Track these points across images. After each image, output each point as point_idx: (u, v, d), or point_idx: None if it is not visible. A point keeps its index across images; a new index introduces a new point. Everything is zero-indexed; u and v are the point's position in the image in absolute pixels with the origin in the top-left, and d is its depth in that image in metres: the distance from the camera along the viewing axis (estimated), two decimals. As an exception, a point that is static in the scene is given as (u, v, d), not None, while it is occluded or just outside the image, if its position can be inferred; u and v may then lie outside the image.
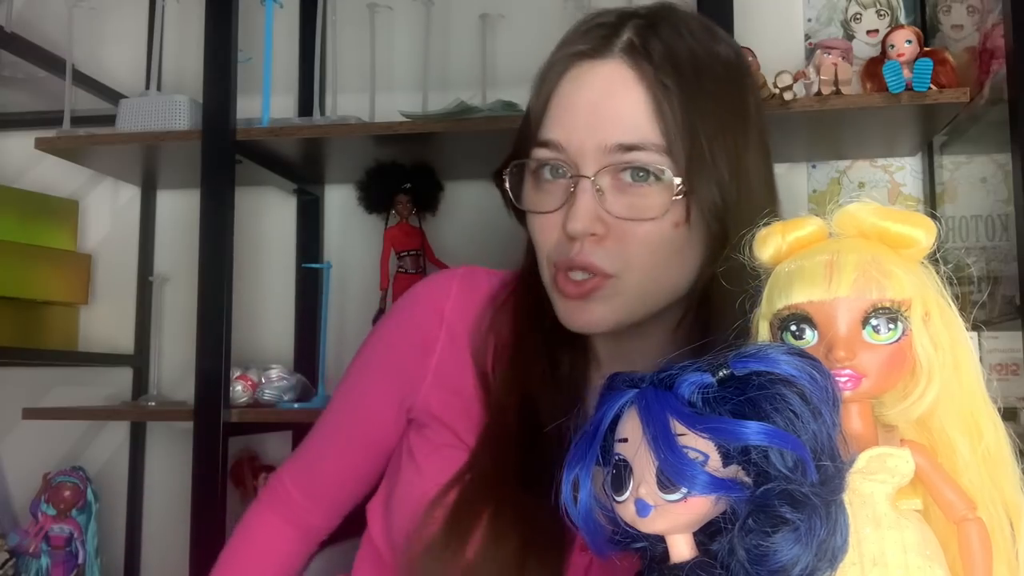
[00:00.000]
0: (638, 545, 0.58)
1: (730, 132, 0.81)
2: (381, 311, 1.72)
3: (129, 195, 2.03)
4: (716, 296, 0.78)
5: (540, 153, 0.82)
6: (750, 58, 1.54)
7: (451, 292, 0.94)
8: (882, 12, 1.61)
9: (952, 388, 0.58)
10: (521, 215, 0.88)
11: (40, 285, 1.89)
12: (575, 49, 0.82)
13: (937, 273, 0.59)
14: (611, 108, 0.78)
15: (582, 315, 0.81)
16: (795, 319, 0.57)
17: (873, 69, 1.47)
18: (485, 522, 0.80)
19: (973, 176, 1.72)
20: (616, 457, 0.55)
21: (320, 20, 1.79)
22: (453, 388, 0.91)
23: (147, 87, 1.80)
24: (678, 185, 0.77)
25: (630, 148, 0.77)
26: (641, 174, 0.78)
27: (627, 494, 0.54)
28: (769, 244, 0.60)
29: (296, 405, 1.68)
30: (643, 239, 0.79)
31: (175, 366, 1.93)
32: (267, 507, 1.05)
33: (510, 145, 0.88)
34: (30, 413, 1.74)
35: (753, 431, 0.51)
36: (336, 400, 1.01)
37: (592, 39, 0.82)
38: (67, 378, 2.00)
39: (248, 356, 1.85)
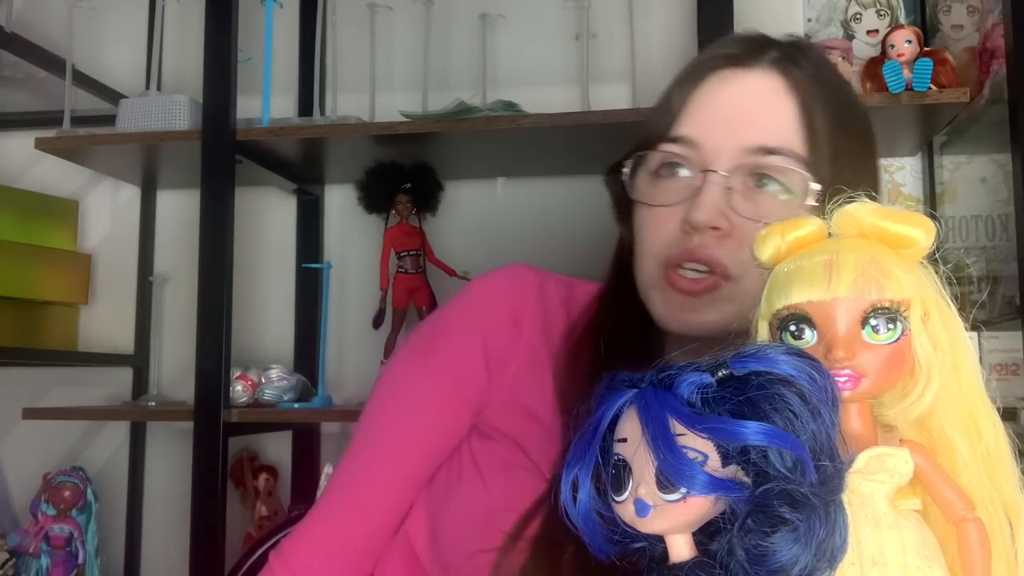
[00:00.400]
0: (637, 545, 0.58)
1: (869, 167, 0.81)
2: (381, 311, 1.73)
3: (129, 195, 2.04)
4: None
5: (669, 147, 0.79)
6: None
7: (529, 301, 0.88)
8: (882, 12, 1.61)
9: (951, 388, 0.58)
10: (625, 215, 0.85)
11: (40, 285, 1.89)
12: (723, 52, 0.81)
13: (936, 273, 0.59)
14: (757, 111, 0.78)
15: (689, 314, 0.78)
16: (794, 319, 0.57)
17: (873, 69, 1.47)
18: (569, 557, 0.75)
19: (973, 176, 1.72)
20: (615, 457, 0.55)
21: (320, 20, 1.79)
22: (530, 411, 0.85)
23: (147, 87, 1.80)
24: (815, 191, 0.75)
25: (771, 151, 0.76)
26: (774, 183, 0.77)
27: (626, 494, 0.54)
28: (768, 244, 0.60)
29: (296, 405, 1.68)
30: None
31: (175, 366, 1.93)
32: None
33: (634, 141, 0.85)
34: (30, 413, 1.74)
35: (752, 431, 0.51)
36: (372, 434, 0.89)
37: (740, 47, 0.81)
38: (67, 378, 2.00)
39: (248, 356, 1.85)
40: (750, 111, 0.78)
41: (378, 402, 0.90)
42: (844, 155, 0.78)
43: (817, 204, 0.75)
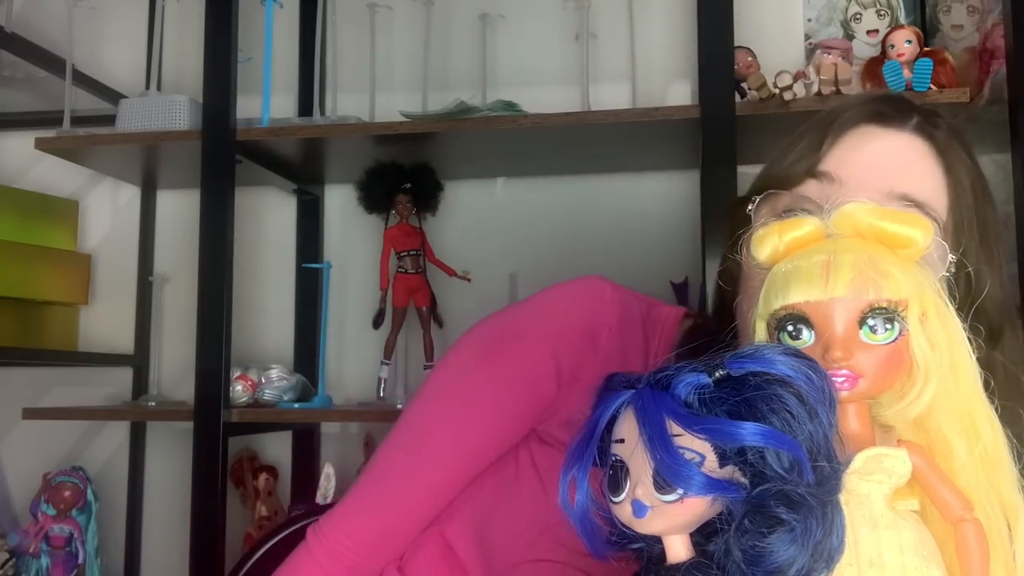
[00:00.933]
0: (635, 546, 0.58)
1: (1000, 239, 0.81)
2: (381, 311, 1.73)
3: (129, 195, 2.04)
4: None
5: (809, 186, 0.76)
6: (749, 58, 1.55)
7: (607, 317, 0.84)
8: (882, 12, 1.61)
9: (949, 388, 0.58)
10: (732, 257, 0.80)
11: (40, 285, 1.89)
12: (869, 108, 0.79)
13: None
14: (906, 166, 0.76)
15: None
16: (792, 319, 0.57)
17: (873, 69, 1.47)
18: None
19: (973, 176, 1.72)
20: (613, 458, 0.55)
21: (320, 20, 1.79)
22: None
23: (147, 87, 1.80)
24: (951, 261, 0.73)
25: (916, 204, 0.73)
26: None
27: (624, 495, 0.54)
28: (766, 244, 0.60)
29: (296, 405, 1.68)
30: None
31: (175, 366, 1.93)
32: (329, 569, 0.87)
33: (758, 179, 0.84)
34: (30, 413, 1.74)
35: (749, 432, 0.51)
36: (428, 425, 0.87)
37: (887, 106, 0.79)
38: (67, 378, 2.00)
39: (248, 356, 1.85)
40: (899, 165, 0.76)
41: (432, 397, 0.88)
42: (985, 234, 0.78)
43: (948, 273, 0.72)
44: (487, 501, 0.86)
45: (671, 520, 0.53)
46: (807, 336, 0.57)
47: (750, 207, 0.80)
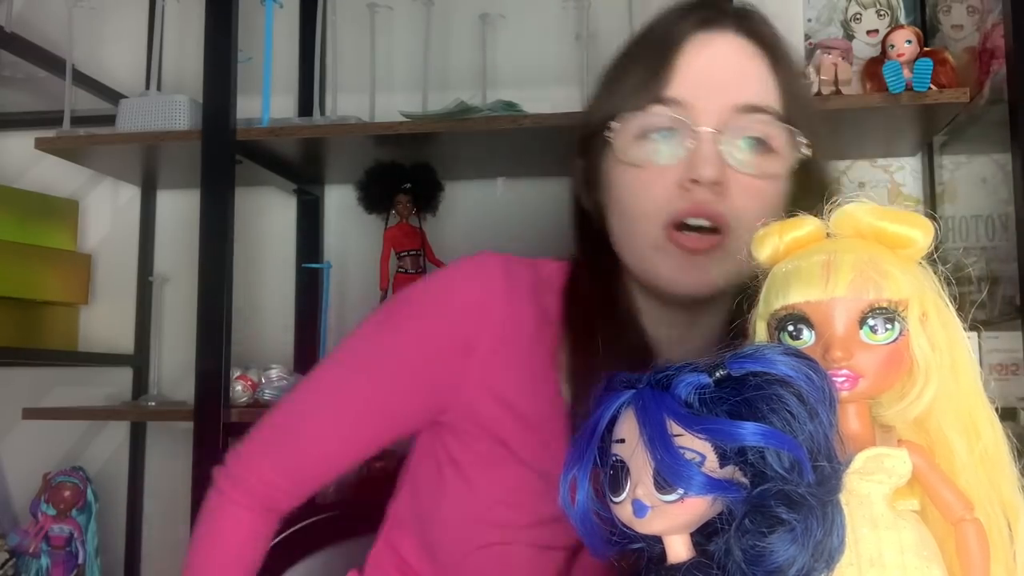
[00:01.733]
0: (635, 546, 0.58)
1: (821, 122, 0.88)
2: (381, 311, 1.72)
3: (129, 195, 2.03)
4: None
5: (659, 109, 0.81)
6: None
7: (495, 288, 0.88)
8: (882, 12, 1.61)
9: (949, 388, 0.58)
10: (592, 186, 0.87)
11: (40, 285, 1.89)
12: (693, 16, 0.84)
13: (936, 273, 0.59)
14: (739, 72, 0.81)
15: (697, 273, 0.80)
16: (792, 319, 0.57)
17: (873, 69, 1.47)
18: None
19: (973, 176, 1.72)
20: (613, 458, 0.55)
21: (320, 20, 1.79)
22: (504, 399, 0.85)
23: (147, 87, 1.80)
24: (804, 144, 0.81)
25: (756, 109, 0.80)
26: (760, 139, 0.80)
27: (624, 495, 0.54)
28: (766, 244, 0.60)
29: (296, 405, 1.67)
30: (760, 197, 0.80)
31: (175, 366, 1.93)
32: (247, 506, 0.95)
33: (602, 105, 0.87)
34: (30, 413, 1.74)
35: (749, 432, 0.51)
36: (335, 382, 0.92)
37: (706, 10, 0.84)
38: (67, 378, 2.00)
39: (248, 356, 1.85)
40: (732, 72, 0.81)
41: (341, 357, 0.94)
42: (810, 107, 0.85)
43: (804, 157, 0.81)
44: (423, 507, 0.89)
45: (671, 520, 0.53)
46: (807, 336, 0.57)
47: (608, 133, 0.83)
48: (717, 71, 0.81)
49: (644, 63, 0.84)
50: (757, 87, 0.81)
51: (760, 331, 0.60)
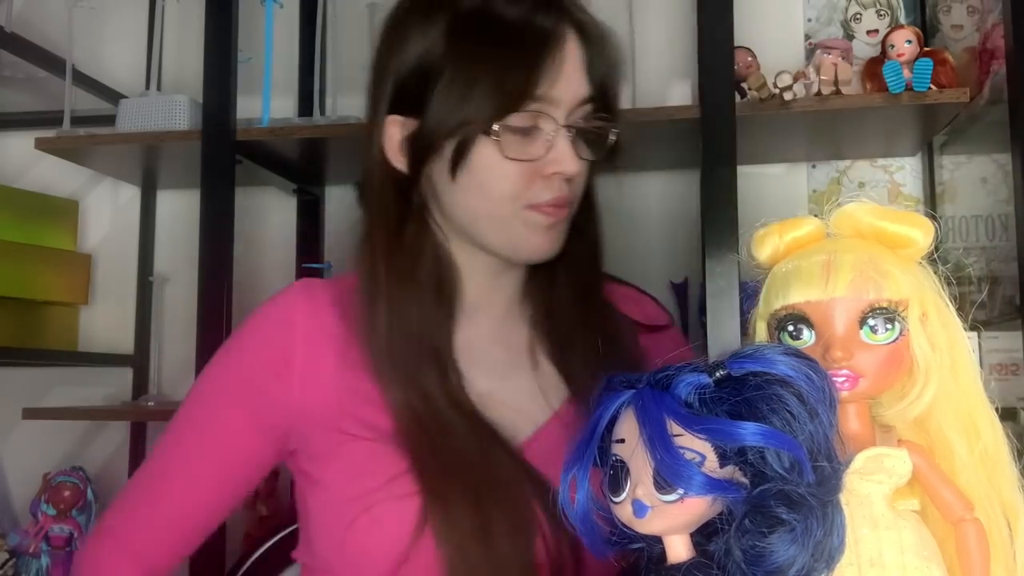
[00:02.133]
0: (635, 546, 0.58)
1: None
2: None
3: (129, 195, 2.03)
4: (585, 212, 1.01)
5: (534, 107, 0.88)
6: (749, 58, 1.55)
7: (297, 306, 0.95)
8: (882, 12, 1.61)
9: (949, 388, 0.58)
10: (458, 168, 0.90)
11: (40, 285, 1.89)
12: (547, 20, 0.91)
13: (936, 273, 0.59)
14: (576, 65, 0.90)
15: (551, 240, 0.92)
16: (792, 319, 0.57)
17: (873, 69, 1.47)
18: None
19: (973, 176, 1.72)
20: (613, 458, 0.55)
21: (320, 20, 1.79)
22: (332, 390, 0.91)
23: (147, 87, 1.80)
24: (615, 132, 0.93)
25: (587, 100, 0.90)
26: (596, 130, 0.92)
27: (624, 495, 0.54)
28: (766, 244, 0.61)
29: (296, 405, 1.67)
30: (586, 177, 0.95)
31: (175, 366, 1.93)
32: (111, 553, 0.96)
33: (486, 99, 0.91)
34: (30, 413, 1.74)
35: (749, 432, 0.51)
36: (177, 435, 0.97)
37: (553, 8, 0.92)
38: (67, 378, 2.00)
39: (248, 356, 1.85)
40: (577, 67, 0.90)
41: (176, 421, 0.98)
42: (617, 88, 0.96)
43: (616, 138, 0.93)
44: (309, 530, 0.93)
45: (671, 520, 0.53)
46: (807, 336, 0.57)
47: (495, 137, 0.88)
48: (573, 66, 0.90)
49: (516, 58, 0.89)
50: (585, 75, 0.91)
51: (760, 331, 0.60)
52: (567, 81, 0.89)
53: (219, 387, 0.96)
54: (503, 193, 0.89)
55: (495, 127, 0.87)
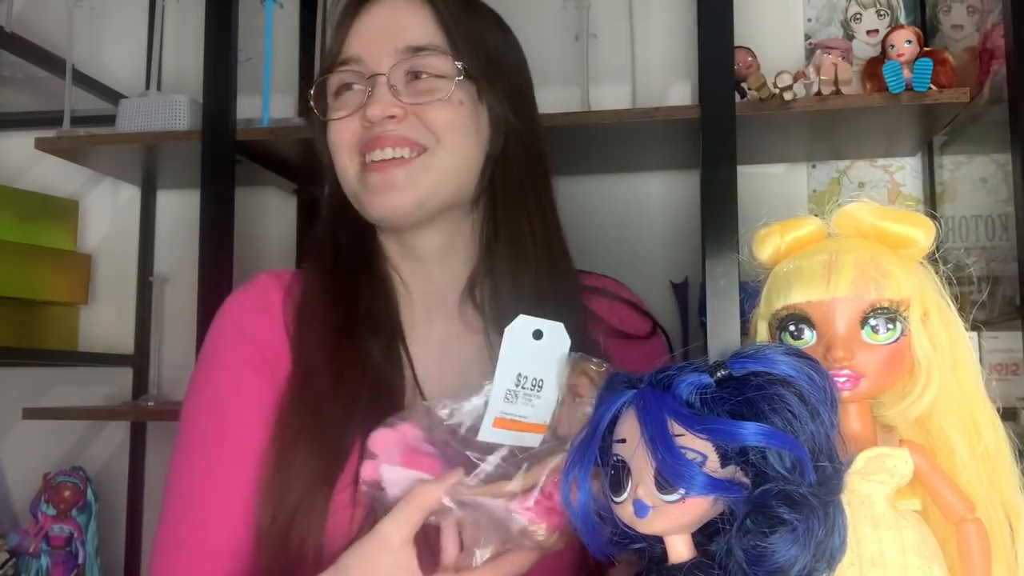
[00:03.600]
0: (637, 546, 0.58)
1: (513, 57, 1.01)
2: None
3: (129, 195, 2.03)
4: (501, 208, 0.94)
5: (339, 70, 0.92)
6: (749, 58, 1.54)
7: (272, 292, 0.95)
8: (882, 12, 1.61)
9: (951, 388, 0.58)
10: (322, 142, 0.96)
11: (40, 285, 1.89)
12: None
13: (936, 273, 0.59)
14: (400, 21, 0.92)
15: (389, 193, 0.89)
16: (793, 319, 0.57)
17: (873, 69, 1.47)
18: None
19: (973, 176, 1.72)
20: (614, 458, 0.55)
21: (320, 20, 1.79)
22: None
23: (147, 87, 1.80)
24: (459, 67, 0.90)
25: (419, 49, 0.90)
26: (426, 73, 0.90)
27: (625, 495, 0.54)
28: (767, 244, 0.61)
29: (296, 405, 1.67)
30: (439, 115, 0.90)
31: (175, 366, 1.93)
32: None
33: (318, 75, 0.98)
34: (30, 413, 1.74)
35: (751, 432, 0.51)
36: (191, 450, 0.95)
37: None
38: (67, 378, 2.00)
39: (248, 356, 1.85)
40: (397, 24, 0.92)
41: (185, 441, 0.96)
42: (481, 43, 0.94)
43: (464, 79, 0.90)
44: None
45: (673, 520, 0.53)
46: (809, 336, 0.57)
47: (311, 101, 0.96)
48: (383, 26, 0.92)
49: (334, 37, 0.97)
50: (418, 32, 0.91)
51: (761, 331, 0.60)
52: (379, 37, 0.91)
53: (217, 385, 0.92)
54: (337, 154, 0.93)
55: (311, 92, 0.94)
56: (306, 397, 0.88)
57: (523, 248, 0.94)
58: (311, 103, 0.96)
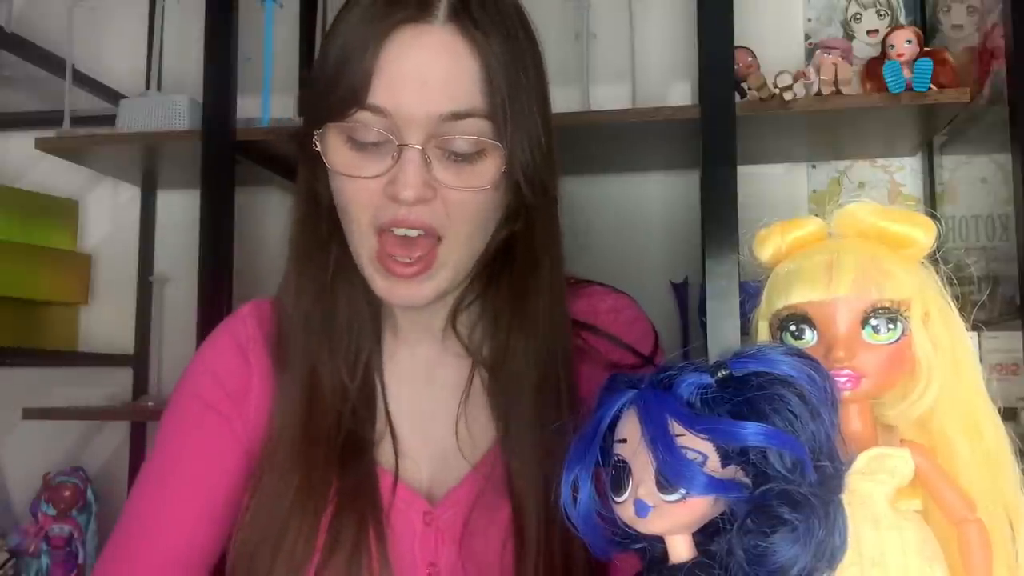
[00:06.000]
0: (637, 546, 0.58)
1: (541, 91, 0.86)
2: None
3: (129, 195, 2.04)
4: (518, 251, 0.85)
5: (364, 117, 0.77)
6: (749, 58, 1.55)
7: (249, 330, 0.91)
8: (882, 12, 1.61)
9: (952, 388, 0.58)
10: (319, 173, 0.84)
11: (40, 285, 1.89)
12: (397, 14, 0.78)
13: (937, 273, 0.59)
14: (442, 75, 0.77)
15: (409, 293, 0.80)
16: (794, 319, 0.57)
17: (873, 69, 1.47)
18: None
19: (973, 176, 1.72)
20: (615, 458, 0.55)
21: (320, 20, 1.79)
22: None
23: (147, 87, 1.80)
24: (505, 155, 0.78)
25: (458, 116, 0.77)
26: (468, 153, 0.78)
27: (626, 495, 0.54)
28: (768, 244, 0.61)
29: (296, 405, 1.67)
30: (472, 206, 0.79)
31: (175, 366, 1.93)
32: None
33: (310, 105, 0.85)
34: (30, 413, 1.74)
35: (751, 432, 0.51)
36: (152, 476, 0.94)
37: (411, 2, 0.78)
38: (67, 378, 2.00)
39: (248, 356, 1.85)
40: (435, 76, 0.76)
41: (147, 464, 0.96)
42: (524, 86, 0.81)
43: (502, 155, 0.78)
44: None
45: (673, 520, 0.53)
46: (810, 336, 0.57)
47: (315, 143, 0.81)
48: (419, 75, 0.76)
49: (348, 64, 0.78)
50: (461, 91, 0.77)
51: (762, 331, 0.60)
52: (416, 90, 0.76)
53: (184, 418, 0.91)
54: (350, 215, 0.80)
55: (316, 134, 0.80)
56: (277, 453, 0.84)
57: (528, 317, 0.85)
58: (315, 144, 0.81)
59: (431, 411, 0.88)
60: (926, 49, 1.45)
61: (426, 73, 0.76)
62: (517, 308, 0.85)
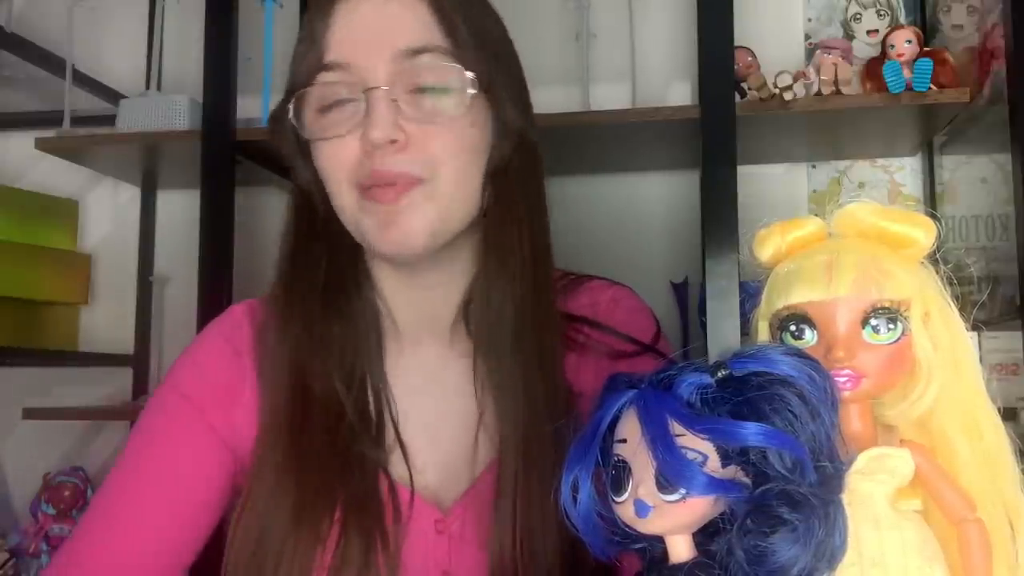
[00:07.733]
0: (637, 546, 0.58)
1: (501, 30, 0.88)
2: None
3: (129, 195, 2.04)
4: (497, 227, 0.83)
5: (326, 77, 0.79)
6: (749, 58, 1.55)
7: (243, 331, 0.92)
8: (882, 12, 1.61)
9: (952, 388, 0.58)
10: (304, 158, 0.85)
11: (40, 285, 1.89)
12: None
13: (937, 273, 0.59)
14: (393, 17, 0.78)
15: (397, 227, 0.78)
16: (794, 319, 0.57)
17: (873, 69, 1.47)
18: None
19: (973, 176, 1.72)
20: (615, 458, 0.55)
21: (320, 20, 1.79)
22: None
23: (147, 87, 1.80)
24: (472, 80, 0.78)
25: (417, 52, 0.77)
26: (432, 86, 0.78)
27: (626, 495, 0.54)
28: (768, 244, 0.61)
29: (296, 405, 1.67)
30: (445, 140, 0.79)
31: (175, 366, 1.93)
32: None
33: (285, 86, 0.86)
34: (30, 413, 1.74)
35: (751, 432, 0.51)
36: (126, 469, 0.88)
37: None
38: (67, 378, 2.00)
39: (248, 356, 1.85)
40: (386, 21, 0.78)
41: (120, 459, 0.90)
42: (485, 38, 0.82)
43: (477, 92, 0.78)
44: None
45: (673, 520, 0.53)
46: (810, 336, 0.57)
47: (290, 116, 0.82)
48: (372, 24, 0.78)
49: (308, 34, 0.82)
50: (414, 28, 0.78)
51: (762, 331, 0.60)
52: (369, 38, 0.78)
53: (168, 416, 0.89)
54: (333, 179, 0.81)
55: (288, 114, 0.81)
56: (265, 466, 0.83)
57: (511, 271, 0.84)
58: (290, 117, 0.82)
59: (438, 416, 0.87)
60: (926, 49, 1.45)
61: (377, 21, 0.78)
62: (493, 259, 0.84)
